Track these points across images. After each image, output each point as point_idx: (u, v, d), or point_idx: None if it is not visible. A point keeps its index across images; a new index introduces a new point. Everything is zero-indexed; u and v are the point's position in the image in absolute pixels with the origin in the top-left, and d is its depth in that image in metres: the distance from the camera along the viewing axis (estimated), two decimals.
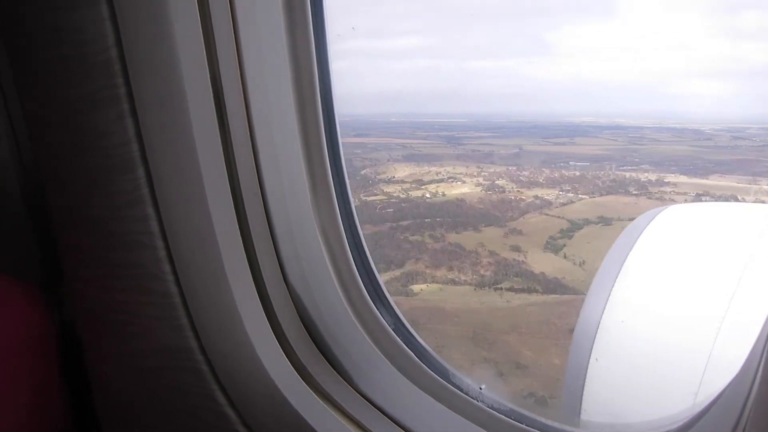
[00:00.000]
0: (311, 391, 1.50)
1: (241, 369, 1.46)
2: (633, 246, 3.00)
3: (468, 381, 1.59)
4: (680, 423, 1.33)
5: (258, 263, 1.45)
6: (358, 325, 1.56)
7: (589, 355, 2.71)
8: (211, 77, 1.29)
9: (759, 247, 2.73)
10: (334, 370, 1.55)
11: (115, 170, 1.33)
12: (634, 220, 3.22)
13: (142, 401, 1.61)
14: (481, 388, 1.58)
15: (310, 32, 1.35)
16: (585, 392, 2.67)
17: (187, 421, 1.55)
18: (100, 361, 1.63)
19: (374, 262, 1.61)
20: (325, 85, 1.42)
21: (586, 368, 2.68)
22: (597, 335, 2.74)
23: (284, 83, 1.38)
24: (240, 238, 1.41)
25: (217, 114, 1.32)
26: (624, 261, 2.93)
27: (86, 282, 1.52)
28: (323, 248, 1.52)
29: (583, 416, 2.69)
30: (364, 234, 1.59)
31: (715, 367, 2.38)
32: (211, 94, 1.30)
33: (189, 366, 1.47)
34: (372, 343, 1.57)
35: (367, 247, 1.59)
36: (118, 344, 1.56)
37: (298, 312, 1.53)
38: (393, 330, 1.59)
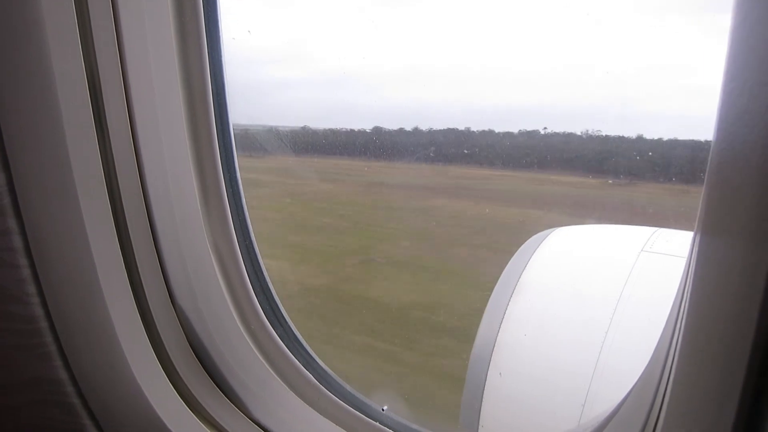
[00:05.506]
0: (202, 424, 1.39)
1: (120, 402, 1.32)
2: (526, 265, 3.13)
3: (370, 403, 1.55)
4: None
5: (141, 283, 1.33)
6: (254, 349, 1.48)
7: (487, 371, 2.77)
8: (88, 76, 1.17)
9: (637, 264, 2.95)
10: (228, 399, 1.45)
11: None
12: (528, 240, 3.37)
13: None
14: (383, 409, 1.55)
15: (202, 34, 1.27)
16: (482, 408, 2.72)
17: None
18: None
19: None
20: (218, 90, 1.34)
21: (484, 384, 2.73)
22: (494, 352, 2.81)
23: (173, 87, 1.28)
24: (120, 254, 1.28)
25: (94, 116, 1.19)
26: (518, 280, 3.05)
27: None
28: (216, 267, 1.42)
29: None
30: None
31: (600, 378, 2.52)
32: (88, 95, 1.17)
33: (57, 400, 1.32)
34: (269, 368, 1.49)
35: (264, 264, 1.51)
36: None
37: (187, 337, 1.42)
38: (291, 352, 1.51)
